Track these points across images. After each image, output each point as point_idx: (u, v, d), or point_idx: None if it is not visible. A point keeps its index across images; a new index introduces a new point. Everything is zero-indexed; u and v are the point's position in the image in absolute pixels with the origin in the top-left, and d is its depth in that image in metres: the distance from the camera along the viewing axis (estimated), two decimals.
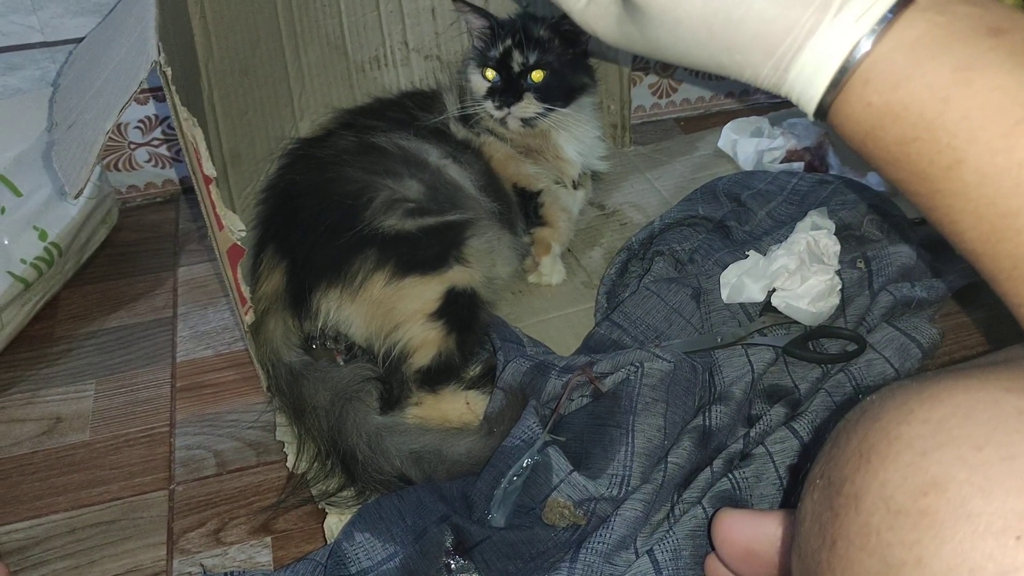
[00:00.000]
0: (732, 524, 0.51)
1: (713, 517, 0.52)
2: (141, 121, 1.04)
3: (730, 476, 0.62)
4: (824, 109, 0.38)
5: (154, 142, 1.06)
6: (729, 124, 1.10)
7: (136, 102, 1.02)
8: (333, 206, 0.78)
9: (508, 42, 0.87)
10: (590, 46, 0.93)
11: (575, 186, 0.95)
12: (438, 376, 0.74)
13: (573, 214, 0.95)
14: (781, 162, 1.02)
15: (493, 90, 0.88)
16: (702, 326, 0.77)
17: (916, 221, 0.87)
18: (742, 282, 0.78)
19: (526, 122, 0.89)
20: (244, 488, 0.72)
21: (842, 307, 0.77)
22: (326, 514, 0.67)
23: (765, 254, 0.79)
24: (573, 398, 0.69)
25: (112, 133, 1.01)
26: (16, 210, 0.86)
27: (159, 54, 0.60)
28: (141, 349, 0.87)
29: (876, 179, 0.96)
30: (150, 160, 1.07)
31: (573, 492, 0.60)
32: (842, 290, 0.77)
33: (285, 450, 0.73)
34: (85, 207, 0.93)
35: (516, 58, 0.87)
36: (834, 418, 0.66)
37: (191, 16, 0.87)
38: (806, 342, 0.75)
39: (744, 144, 1.06)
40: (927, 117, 0.35)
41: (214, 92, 0.91)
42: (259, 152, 0.98)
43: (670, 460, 0.63)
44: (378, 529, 0.60)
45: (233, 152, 0.96)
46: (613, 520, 0.58)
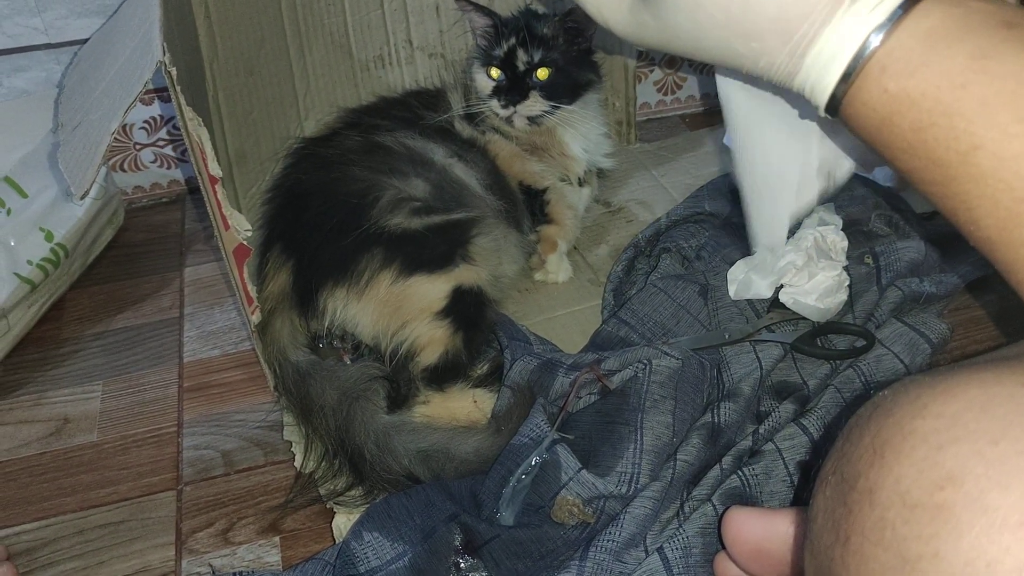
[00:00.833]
0: (743, 522, 0.50)
1: (723, 515, 0.52)
2: (146, 122, 1.04)
3: (739, 473, 0.61)
4: (837, 99, 0.38)
5: (159, 142, 1.06)
6: None
7: (141, 103, 1.02)
8: (339, 205, 0.78)
9: (512, 40, 0.87)
10: (595, 42, 0.93)
11: (581, 183, 0.95)
12: (445, 374, 0.74)
13: (579, 211, 0.95)
14: None
15: (499, 89, 0.88)
16: (710, 323, 0.77)
17: (924, 216, 0.86)
18: (749, 278, 0.77)
19: (532, 120, 0.89)
20: (252, 488, 0.72)
21: (850, 303, 0.77)
22: (334, 513, 0.67)
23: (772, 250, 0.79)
24: (581, 396, 0.69)
25: (117, 134, 1.01)
26: (22, 211, 0.86)
27: (164, 54, 0.60)
28: (148, 350, 0.87)
29: (883, 174, 0.95)
30: (156, 160, 1.07)
31: (582, 490, 0.60)
32: (850, 286, 0.77)
33: (293, 449, 0.73)
34: (91, 208, 0.93)
35: (521, 56, 0.87)
36: (844, 414, 0.66)
37: (195, 16, 0.87)
38: (814, 338, 0.74)
39: None
40: (944, 102, 0.35)
41: (219, 92, 0.91)
42: (264, 152, 0.98)
43: (679, 457, 0.62)
44: (387, 528, 0.60)
45: (238, 152, 0.96)
46: (623, 518, 0.58)
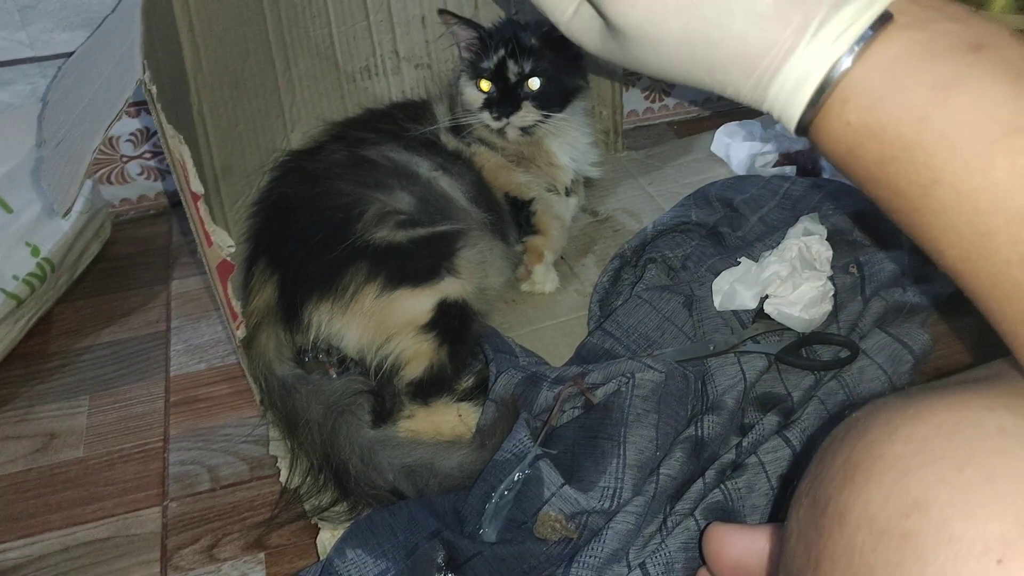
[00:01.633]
0: (723, 538, 0.51)
1: (704, 531, 0.52)
2: (133, 134, 1.04)
3: (722, 487, 0.62)
4: (804, 126, 0.38)
5: (146, 155, 1.06)
6: (722, 128, 1.10)
7: (127, 115, 1.02)
8: (324, 219, 0.78)
9: (502, 52, 0.87)
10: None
11: (568, 193, 0.95)
12: (430, 388, 0.74)
13: (566, 221, 0.95)
14: (774, 166, 1.02)
15: (490, 101, 0.88)
16: (694, 334, 0.77)
17: None
18: (734, 289, 0.78)
19: (525, 131, 0.89)
20: (238, 503, 0.72)
21: (835, 313, 0.77)
22: (319, 529, 0.67)
23: (757, 260, 0.79)
24: (565, 410, 0.69)
25: (104, 146, 1.01)
26: (7, 226, 0.86)
27: (144, 72, 0.60)
28: (135, 364, 0.87)
29: None
30: (142, 173, 1.07)
31: (565, 505, 0.60)
32: (835, 296, 0.77)
33: (278, 464, 0.73)
34: (77, 222, 0.93)
35: (511, 68, 0.87)
36: (824, 429, 0.66)
37: (179, 29, 0.87)
38: (799, 349, 0.74)
39: (737, 148, 1.06)
40: (904, 136, 0.35)
41: (204, 105, 0.91)
42: (250, 165, 0.98)
43: (662, 472, 0.62)
44: (370, 545, 0.60)
45: (224, 165, 0.96)
46: (605, 533, 0.58)
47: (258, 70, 0.95)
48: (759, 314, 0.77)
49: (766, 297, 0.77)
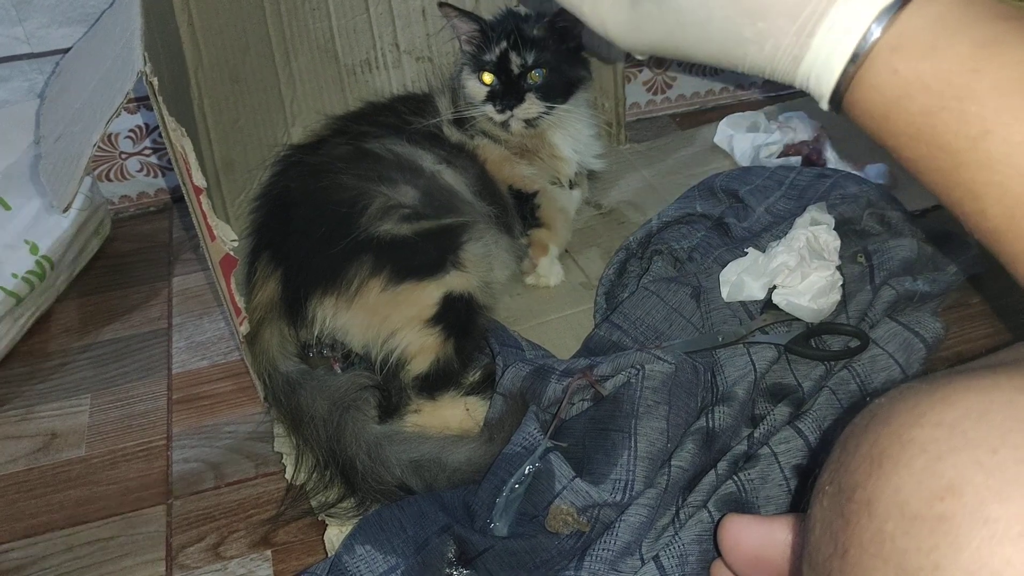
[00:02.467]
0: (740, 530, 0.50)
1: (720, 523, 0.51)
2: (132, 131, 1.03)
3: (735, 478, 0.61)
4: (843, 83, 0.38)
5: (145, 151, 1.05)
6: (725, 119, 1.09)
7: (126, 111, 1.01)
8: (328, 213, 0.77)
9: (504, 44, 0.87)
10: (584, 38, 0.92)
11: (571, 186, 0.95)
12: (436, 383, 0.73)
13: (570, 214, 0.94)
14: (778, 156, 1.01)
15: (493, 94, 0.88)
16: (703, 325, 0.76)
17: (916, 214, 0.86)
18: (742, 280, 0.77)
19: (529, 123, 0.88)
20: (243, 501, 0.71)
21: (844, 303, 0.77)
22: (326, 526, 0.66)
23: (764, 251, 0.78)
24: (574, 402, 0.68)
25: (103, 143, 1.00)
26: (6, 224, 0.85)
27: (145, 64, 0.59)
28: (136, 361, 0.86)
29: (875, 172, 0.95)
30: (142, 169, 1.06)
31: (576, 498, 0.59)
32: (843, 285, 0.77)
33: (284, 461, 0.72)
34: (77, 219, 0.92)
35: (514, 60, 0.86)
36: (840, 419, 0.65)
37: (179, 24, 0.86)
38: (808, 339, 0.74)
39: (740, 139, 1.05)
40: (956, 86, 0.35)
41: (204, 100, 0.90)
42: (252, 159, 0.97)
43: (674, 463, 0.62)
44: (379, 541, 0.59)
45: (225, 160, 0.95)
46: (618, 526, 0.58)
47: (258, 64, 0.95)
48: (767, 305, 0.77)
49: (774, 287, 0.76)
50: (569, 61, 0.90)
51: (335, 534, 0.65)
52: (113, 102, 0.61)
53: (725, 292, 0.77)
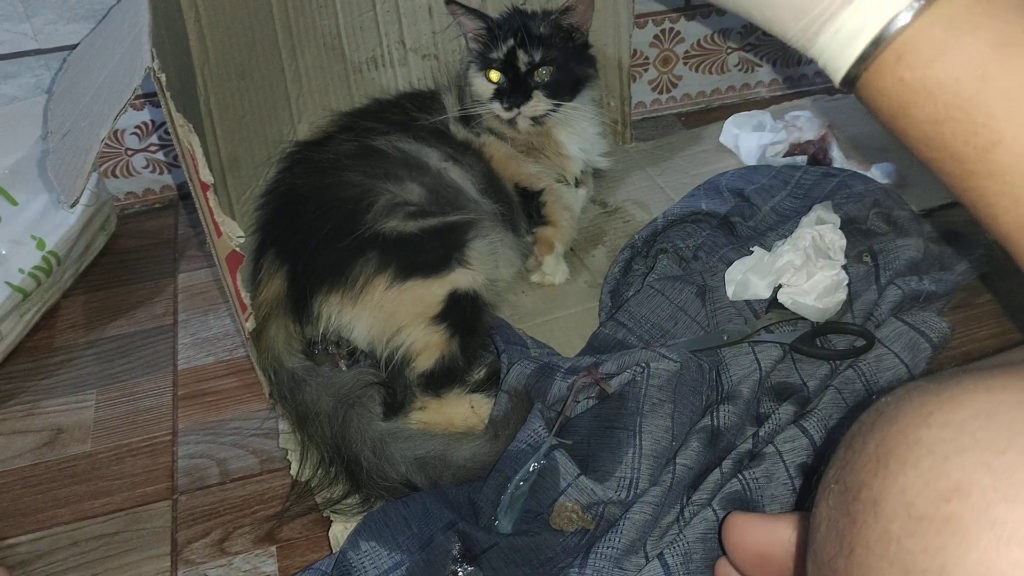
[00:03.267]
0: (745, 528, 0.50)
1: (724, 521, 0.51)
2: (138, 127, 1.03)
3: (740, 477, 0.61)
4: (851, 79, 0.37)
5: (151, 148, 1.05)
6: (731, 118, 1.09)
7: (132, 108, 1.01)
8: (333, 210, 0.77)
9: (511, 42, 0.87)
10: (589, 35, 0.92)
11: (577, 184, 0.95)
12: (441, 380, 0.73)
13: (575, 212, 0.94)
14: (784, 156, 1.01)
15: (500, 91, 0.87)
16: (708, 324, 0.76)
17: (922, 213, 0.86)
18: (747, 279, 0.77)
19: (536, 120, 0.88)
20: (248, 497, 0.71)
21: (849, 302, 0.76)
22: (331, 522, 0.66)
23: (770, 250, 0.78)
24: (579, 400, 0.68)
25: (109, 139, 1.00)
26: (13, 219, 0.86)
27: (153, 60, 0.59)
28: (142, 357, 0.86)
29: (881, 171, 0.95)
30: (148, 166, 1.06)
31: (581, 496, 0.59)
32: (849, 285, 0.76)
33: (288, 457, 0.72)
34: (83, 215, 0.92)
35: (521, 58, 0.86)
36: (846, 418, 0.65)
37: (186, 20, 0.86)
38: (813, 338, 0.74)
39: (746, 138, 1.05)
40: (963, 95, 0.34)
41: (211, 96, 0.91)
42: (258, 156, 0.97)
43: (678, 461, 0.62)
44: (384, 537, 0.60)
45: (231, 157, 0.95)
46: (622, 524, 0.58)
47: (264, 61, 0.95)
48: (773, 303, 0.77)
49: (780, 286, 0.76)
50: (576, 59, 0.90)
51: (340, 530, 0.65)
52: (121, 98, 0.61)
53: (730, 291, 0.77)
